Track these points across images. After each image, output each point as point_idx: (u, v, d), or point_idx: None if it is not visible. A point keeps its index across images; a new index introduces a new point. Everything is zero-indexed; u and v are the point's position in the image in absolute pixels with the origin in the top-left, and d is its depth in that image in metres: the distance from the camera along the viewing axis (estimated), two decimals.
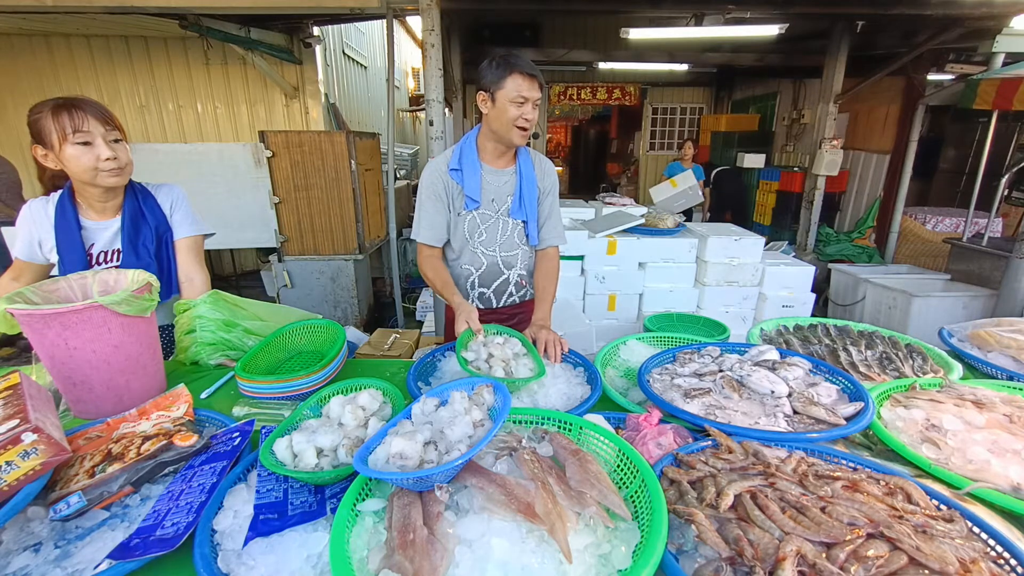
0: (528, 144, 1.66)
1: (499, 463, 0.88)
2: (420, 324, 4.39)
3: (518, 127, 1.53)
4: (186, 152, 4.17)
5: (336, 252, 4.36)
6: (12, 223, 4.57)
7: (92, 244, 1.49)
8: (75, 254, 1.44)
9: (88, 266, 1.47)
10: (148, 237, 1.52)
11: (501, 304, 1.82)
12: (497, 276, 1.77)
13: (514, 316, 1.86)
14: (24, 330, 1.13)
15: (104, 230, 1.49)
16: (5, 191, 4.21)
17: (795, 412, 1.10)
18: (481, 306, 1.81)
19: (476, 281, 1.77)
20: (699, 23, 4.88)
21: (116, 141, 1.37)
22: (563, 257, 1.88)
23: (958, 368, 1.38)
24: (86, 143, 1.32)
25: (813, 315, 2.73)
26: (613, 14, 6.33)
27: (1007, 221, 5.20)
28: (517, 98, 1.48)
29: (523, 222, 1.72)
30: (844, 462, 0.93)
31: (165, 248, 1.56)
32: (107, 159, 1.34)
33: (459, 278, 1.77)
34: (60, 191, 1.46)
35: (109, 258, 1.51)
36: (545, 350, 1.42)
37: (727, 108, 8.90)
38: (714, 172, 6.47)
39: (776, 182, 6.85)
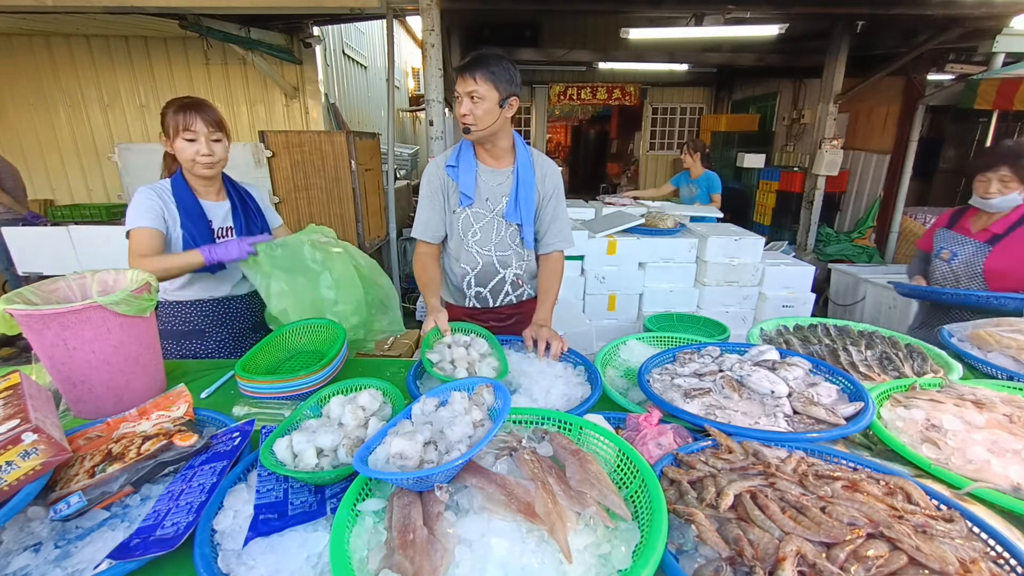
0: (467, 132, 1.57)
1: (499, 463, 0.88)
2: (420, 324, 4.38)
3: (462, 123, 1.56)
4: None
5: None
6: (20, 220, 4.53)
7: (211, 220, 1.69)
8: (203, 227, 1.65)
9: (213, 239, 1.67)
10: (255, 220, 1.78)
11: (498, 304, 1.82)
12: (493, 276, 1.77)
13: (511, 316, 1.85)
14: (23, 330, 1.13)
15: (219, 209, 1.73)
16: (13, 188, 4.24)
17: (795, 412, 1.10)
18: (479, 305, 1.81)
19: (472, 280, 1.77)
20: (699, 23, 4.88)
21: (216, 140, 1.61)
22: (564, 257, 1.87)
23: (958, 368, 1.38)
24: (191, 140, 1.57)
25: (813, 315, 2.73)
26: (613, 14, 6.33)
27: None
28: (457, 95, 1.53)
29: (518, 225, 1.70)
30: (844, 462, 0.93)
31: (264, 231, 1.80)
32: (204, 155, 1.59)
33: (456, 277, 1.78)
34: (166, 179, 1.67)
35: (224, 234, 1.74)
36: (547, 348, 1.42)
37: (727, 108, 8.89)
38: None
39: (776, 182, 6.84)
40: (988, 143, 4.30)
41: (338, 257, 1.63)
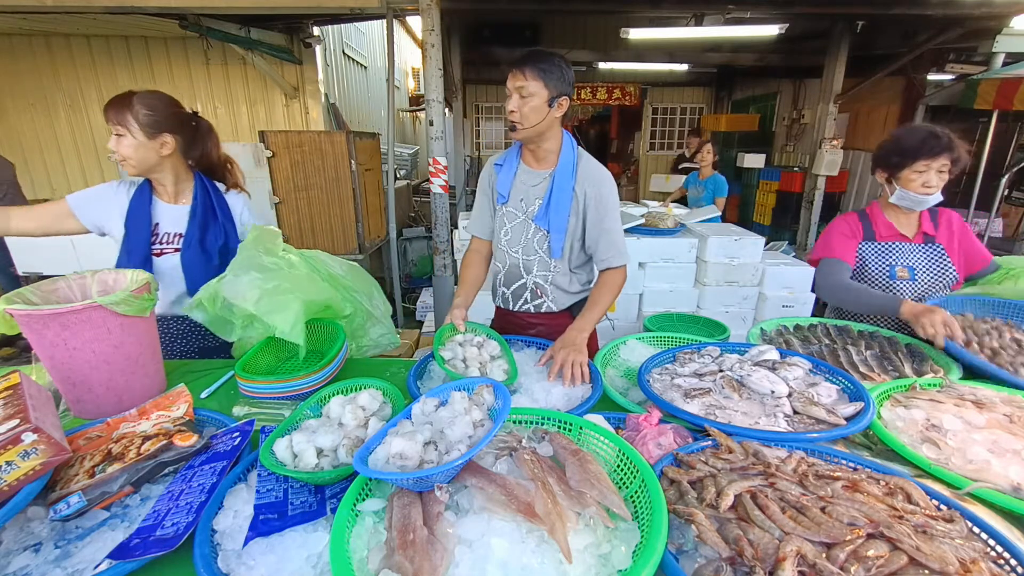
0: (513, 130, 1.53)
1: (499, 463, 0.88)
2: (420, 324, 4.39)
3: (509, 120, 1.54)
4: None
5: (336, 252, 4.33)
6: None
7: (157, 224, 1.62)
8: (140, 227, 1.57)
9: (150, 242, 1.59)
10: (216, 232, 1.64)
11: (517, 308, 1.77)
12: (517, 278, 1.73)
13: (533, 327, 1.74)
14: (23, 331, 1.13)
15: (173, 212, 1.63)
16: (5, 189, 4.18)
17: (795, 412, 1.10)
18: (502, 306, 1.82)
19: (502, 279, 1.78)
20: (699, 23, 4.89)
21: (116, 135, 1.47)
22: None
23: (958, 368, 1.37)
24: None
25: (813, 315, 2.73)
26: (613, 14, 6.34)
27: (1007, 221, 5.20)
28: (508, 92, 1.50)
29: (547, 231, 1.61)
30: (844, 462, 0.93)
31: (225, 247, 1.66)
32: (111, 151, 1.50)
33: (492, 273, 1.81)
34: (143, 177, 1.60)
35: (170, 240, 1.63)
36: (560, 370, 1.29)
37: (727, 108, 8.90)
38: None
39: (776, 182, 6.85)
40: (988, 144, 4.28)
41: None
